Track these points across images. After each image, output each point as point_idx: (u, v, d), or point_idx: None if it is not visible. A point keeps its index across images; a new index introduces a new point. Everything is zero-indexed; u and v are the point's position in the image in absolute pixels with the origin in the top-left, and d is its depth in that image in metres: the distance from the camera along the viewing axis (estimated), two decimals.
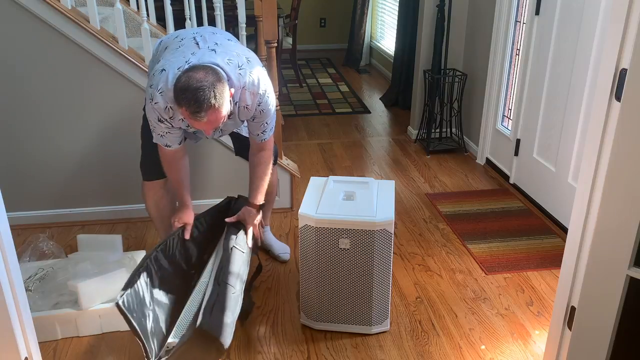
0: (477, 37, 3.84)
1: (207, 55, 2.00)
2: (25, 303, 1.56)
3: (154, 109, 2.02)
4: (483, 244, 2.88)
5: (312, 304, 2.23)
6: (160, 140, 2.13)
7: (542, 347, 2.16)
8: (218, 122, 1.92)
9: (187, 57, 2.00)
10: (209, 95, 1.83)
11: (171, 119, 2.04)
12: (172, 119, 2.04)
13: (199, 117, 1.86)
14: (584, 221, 1.57)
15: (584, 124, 2.77)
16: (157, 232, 2.64)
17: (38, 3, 2.62)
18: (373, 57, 6.69)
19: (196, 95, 1.82)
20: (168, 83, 1.96)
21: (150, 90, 2.02)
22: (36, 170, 2.94)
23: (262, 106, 2.11)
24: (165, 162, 2.23)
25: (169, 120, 2.04)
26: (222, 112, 1.90)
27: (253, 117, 2.16)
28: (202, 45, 2.06)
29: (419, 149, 4.17)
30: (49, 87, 2.80)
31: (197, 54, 2.00)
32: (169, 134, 2.10)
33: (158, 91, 1.98)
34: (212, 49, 2.04)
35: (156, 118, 2.04)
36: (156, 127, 2.08)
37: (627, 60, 1.37)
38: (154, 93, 2.00)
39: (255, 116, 2.15)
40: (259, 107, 2.11)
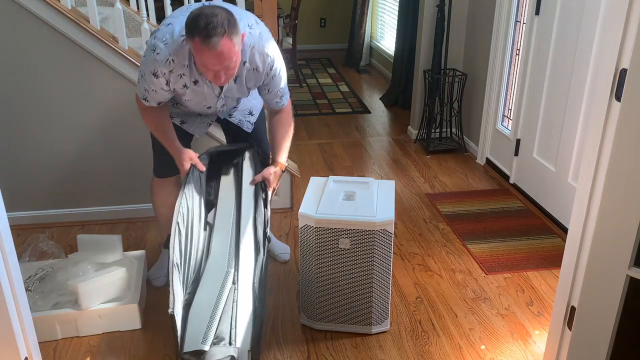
0: (477, 37, 3.84)
1: None
2: (25, 303, 1.56)
3: (153, 60, 1.95)
4: (483, 244, 2.88)
5: (312, 304, 2.23)
6: (142, 92, 2.07)
7: (542, 347, 2.16)
8: (231, 58, 1.84)
9: None
10: (223, 22, 1.78)
11: (170, 72, 1.97)
12: (171, 72, 1.97)
13: (211, 44, 1.77)
14: (584, 221, 1.57)
15: (584, 124, 2.77)
16: (159, 231, 2.63)
17: (38, 3, 2.62)
18: (373, 57, 6.69)
19: (209, 20, 1.77)
20: (174, 35, 1.93)
21: (153, 41, 1.97)
22: (36, 170, 2.94)
23: (273, 71, 2.09)
24: (143, 111, 2.17)
25: (167, 75, 1.97)
26: (235, 47, 1.84)
27: (267, 88, 2.14)
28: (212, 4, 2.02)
29: (419, 149, 4.17)
30: (49, 87, 2.80)
31: None
32: (155, 92, 2.04)
33: (162, 42, 1.94)
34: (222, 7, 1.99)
35: (152, 70, 1.97)
36: (147, 80, 2.01)
37: (627, 60, 1.37)
38: (157, 43, 1.95)
39: (268, 83, 2.13)
40: (270, 71, 2.08)
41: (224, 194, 2.29)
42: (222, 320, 1.98)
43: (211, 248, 2.16)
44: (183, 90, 2.07)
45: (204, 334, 1.92)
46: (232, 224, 2.20)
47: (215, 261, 2.12)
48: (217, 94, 2.13)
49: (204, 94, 2.11)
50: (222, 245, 2.17)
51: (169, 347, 2.18)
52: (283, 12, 5.63)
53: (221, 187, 2.31)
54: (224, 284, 2.05)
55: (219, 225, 2.21)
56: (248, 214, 2.18)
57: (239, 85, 2.11)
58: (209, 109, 2.23)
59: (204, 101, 2.16)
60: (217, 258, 2.14)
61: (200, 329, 1.94)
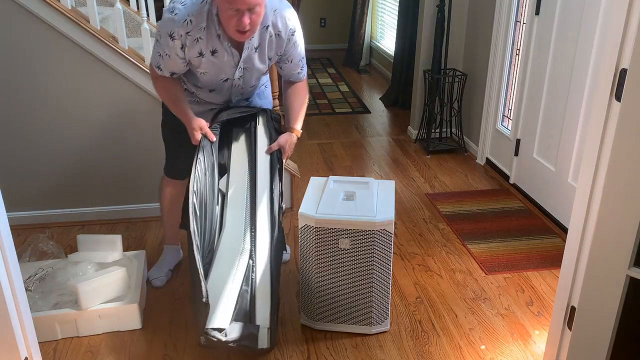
0: (477, 37, 3.84)
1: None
2: (25, 303, 1.56)
3: (171, 20, 1.93)
4: (483, 244, 2.88)
5: (312, 304, 2.23)
6: (156, 58, 2.05)
7: (542, 347, 2.16)
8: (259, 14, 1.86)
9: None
10: None
11: (187, 34, 1.94)
12: (188, 35, 1.94)
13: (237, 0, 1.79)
14: (584, 221, 1.57)
15: (584, 124, 2.77)
16: (163, 229, 2.63)
17: (38, 3, 2.62)
18: (373, 57, 6.69)
19: None
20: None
21: (171, 4, 1.95)
22: (36, 170, 2.94)
23: (295, 38, 2.10)
24: (155, 80, 2.14)
25: (183, 38, 1.94)
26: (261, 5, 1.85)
27: (289, 57, 2.14)
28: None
29: (419, 149, 4.17)
30: (49, 86, 2.80)
31: None
32: (169, 58, 2.01)
33: (181, 3, 1.93)
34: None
35: (168, 31, 1.94)
36: (162, 44, 1.98)
37: (627, 60, 1.37)
38: (175, 5, 1.93)
39: (290, 53, 2.13)
40: (292, 37, 2.09)
41: (236, 161, 2.24)
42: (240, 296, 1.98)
43: (225, 221, 2.13)
44: (198, 61, 2.03)
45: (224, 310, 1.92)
46: (246, 196, 2.16)
47: (229, 236, 2.10)
48: (235, 62, 2.08)
49: (221, 65, 2.07)
50: (236, 219, 2.13)
51: (168, 347, 2.18)
52: None
53: (233, 153, 2.25)
54: (240, 260, 2.04)
55: (232, 196, 2.17)
56: (264, 185, 2.16)
57: (260, 53, 2.09)
58: (226, 82, 2.16)
59: (221, 73, 2.11)
60: (232, 233, 2.11)
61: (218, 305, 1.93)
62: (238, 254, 2.05)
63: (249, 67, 2.13)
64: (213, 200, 2.11)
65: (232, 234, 2.10)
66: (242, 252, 2.06)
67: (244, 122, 2.31)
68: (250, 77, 2.19)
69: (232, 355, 2.13)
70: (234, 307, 1.95)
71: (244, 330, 1.91)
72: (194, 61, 2.05)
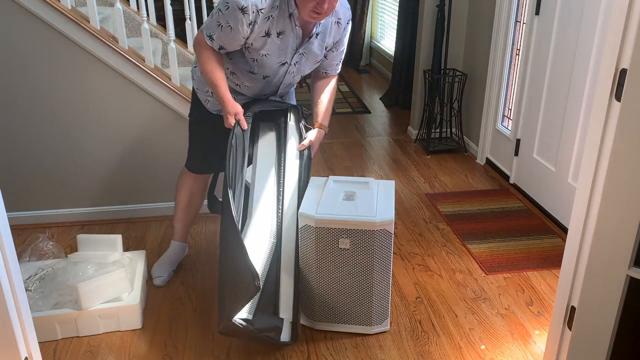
0: (477, 37, 3.84)
1: None
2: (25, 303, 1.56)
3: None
4: (483, 244, 2.88)
5: (312, 304, 2.23)
6: (212, 28, 2.01)
7: (542, 347, 2.16)
8: None
9: None
10: None
11: (260, 11, 1.92)
12: (260, 11, 1.92)
13: None
14: (584, 221, 1.57)
15: (584, 124, 2.77)
16: (174, 224, 2.61)
17: (38, 3, 2.62)
18: (373, 57, 6.69)
19: None
20: None
21: None
22: (36, 170, 2.94)
23: (348, 26, 2.16)
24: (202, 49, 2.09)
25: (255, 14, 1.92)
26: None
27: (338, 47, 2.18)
28: None
29: (419, 149, 4.17)
30: (49, 87, 2.80)
31: None
32: (230, 29, 1.96)
33: None
34: None
35: (241, 5, 1.90)
36: (227, 14, 1.94)
37: (627, 60, 1.37)
38: None
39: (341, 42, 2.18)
40: (347, 25, 2.15)
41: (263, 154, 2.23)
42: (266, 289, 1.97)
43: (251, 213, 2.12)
44: (263, 41, 2.02)
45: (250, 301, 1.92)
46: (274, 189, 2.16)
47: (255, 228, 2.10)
48: (297, 45, 2.09)
49: (283, 47, 2.07)
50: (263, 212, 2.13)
51: (169, 347, 2.18)
52: None
53: (260, 146, 2.25)
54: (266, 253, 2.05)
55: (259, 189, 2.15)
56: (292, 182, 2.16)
57: (320, 40, 2.12)
58: (282, 67, 2.14)
59: (282, 55, 2.09)
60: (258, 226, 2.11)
61: None
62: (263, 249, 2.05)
63: (306, 52, 2.14)
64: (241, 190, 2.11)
65: (258, 227, 2.11)
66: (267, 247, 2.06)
67: (274, 117, 2.31)
68: (305, 64, 2.19)
69: (232, 355, 2.13)
70: (258, 298, 1.94)
71: (270, 322, 1.92)
72: (258, 42, 2.03)
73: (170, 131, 2.93)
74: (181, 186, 2.50)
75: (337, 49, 2.23)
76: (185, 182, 2.49)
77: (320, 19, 1.98)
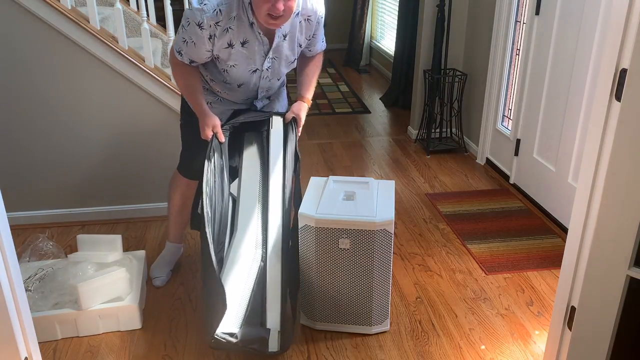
0: (477, 37, 3.84)
1: None
2: (25, 303, 1.56)
3: (200, 10, 1.91)
4: (483, 244, 2.88)
5: (312, 304, 2.23)
6: (180, 44, 2.02)
7: (542, 347, 2.16)
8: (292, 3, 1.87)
9: None
10: None
11: (217, 24, 1.93)
12: (217, 25, 1.93)
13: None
14: (584, 221, 1.57)
15: (584, 124, 2.77)
16: (168, 227, 2.61)
17: (38, 3, 2.62)
18: (373, 57, 6.69)
19: None
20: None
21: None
22: (36, 170, 2.94)
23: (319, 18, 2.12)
24: (175, 66, 2.12)
25: (212, 28, 1.93)
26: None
27: (314, 33, 2.15)
28: None
29: (419, 149, 4.17)
30: (49, 87, 2.80)
31: None
32: (194, 45, 1.99)
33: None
34: None
35: (197, 21, 1.93)
36: (189, 30, 1.96)
37: (627, 60, 1.37)
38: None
39: (316, 31, 2.14)
40: (321, 19, 2.12)
41: (248, 166, 2.23)
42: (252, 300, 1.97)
43: (236, 226, 2.12)
44: (227, 52, 2.02)
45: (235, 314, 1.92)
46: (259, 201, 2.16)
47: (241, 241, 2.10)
48: (265, 52, 2.07)
49: (251, 55, 2.06)
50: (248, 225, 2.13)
51: (168, 347, 2.18)
52: None
53: (245, 157, 2.25)
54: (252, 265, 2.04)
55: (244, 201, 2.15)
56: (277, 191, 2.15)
57: (290, 41, 2.09)
58: (254, 74, 2.14)
59: (251, 64, 2.09)
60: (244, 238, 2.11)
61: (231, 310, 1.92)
62: (250, 260, 2.05)
63: (278, 56, 2.12)
64: (222, 203, 2.10)
65: (244, 239, 2.11)
66: (254, 257, 2.06)
67: (257, 127, 2.31)
68: (278, 67, 2.17)
69: (232, 356, 2.13)
70: (244, 310, 1.95)
71: (254, 333, 1.91)
72: (223, 53, 2.03)
73: (170, 131, 2.93)
74: (174, 190, 2.48)
75: (314, 36, 2.17)
76: (177, 185, 2.46)
77: (279, 25, 1.94)
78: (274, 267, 2.04)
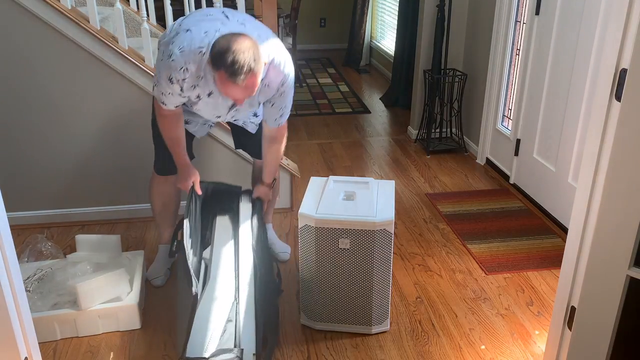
0: (477, 37, 3.84)
1: (237, 28, 1.95)
2: (25, 303, 1.56)
3: (168, 66, 1.95)
4: (483, 244, 2.88)
5: (312, 304, 2.23)
6: (159, 95, 2.06)
7: (542, 347, 2.16)
8: (253, 88, 1.88)
9: (216, 25, 1.95)
10: (250, 58, 1.80)
11: (183, 80, 1.97)
12: (184, 81, 1.97)
13: (237, 81, 1.81)
14: (584, 221, 1.57)
15: (584, 124, 2.77)
16: (157, 228, 2.63)
17: (38, 3, 2.62)
18: (373, 57, 6.69)
19: (237, 57, 1.78)
20: (192, 44, 1.92)
21: (170, 47, 1.96)
22: (36, 170, 2.94)
23: (284, 87, 2.10)
24: (160, 118, 2.17)
25: (181, 82, 1.97)
26: (258, 79, 1.87)
27: (272, 102, 2.15)
28: (231, 19, 2.02)
29: (419, 149, 4.17)
30: (49, 86, 2.80)
31: (227, 25, 1.96)
32: (172, 95, 2.03)
33: (179, 49, 1.93)
34: (241, 22, 2.01)
35: (167, 76, 1.96)
36: (162, 84, 2.01)
37: (627, 60, 1.37)
38: (174, 50, 1.93)
39: (274, 101, 2.14)
40: (281, 87, 2.10)
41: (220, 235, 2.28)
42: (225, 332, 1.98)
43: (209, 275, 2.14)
44: (196, 100, 2.08)
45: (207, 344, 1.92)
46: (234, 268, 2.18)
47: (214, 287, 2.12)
48: (229, 106, 2.14)
49: (216, 105, 2.13)
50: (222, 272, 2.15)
51: (168, 347, 2.18)
52: (283, 12, 5.62)
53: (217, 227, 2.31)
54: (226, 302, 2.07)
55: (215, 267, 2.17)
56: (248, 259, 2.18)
57: (250, 99, 2.10)
58: (219, 118, 2.26)
59: (215, 112, 2.18)
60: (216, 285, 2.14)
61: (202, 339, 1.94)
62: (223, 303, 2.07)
63: (241, 106, 2.17)
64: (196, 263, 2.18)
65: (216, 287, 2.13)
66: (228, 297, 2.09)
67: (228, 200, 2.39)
68: (242, 114, 2.28)
69: None
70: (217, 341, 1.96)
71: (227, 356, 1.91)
72: (193, 99, 2.09)
73: None
74: (152, 191, 2.49)
75: (273, 106, 2.17)
76: (154, 185, 2.47)
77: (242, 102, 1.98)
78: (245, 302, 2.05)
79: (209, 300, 2.02)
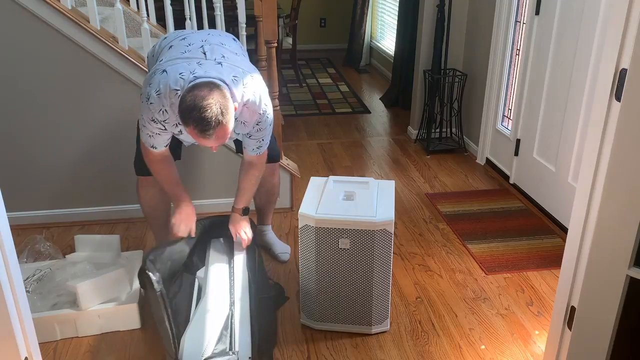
0: (477, 37, 3.83)
1: (213, 68, 1.97)
2: (25, 303, 1.55)
3: (148, 109, 2.00)
4: (483, 244, 2.88)
5: (312, 304, 2.23)
6: (147, 140, 2.11)
7: (542, 347, 2.16)
8: (225, 137, 1.92)
9: (192, 66, 1.97)
10: (217, 113, 1.83)
11: (164, 122, 2.03)
12: (165, 122, 2.03)
13: (207, 135, 1.86)
14: (584, 221, 1.57)
15: (584, 124, 2.77)
16: (150, 229, 2.61)
17: (38, 3, 2.62)
18: (373, 57, 6.69)
19: (204, 114, 1.81)
20: (168, 86, 1.95)
21: (147, 89, 2.01)
22: (36, 170, 2.94)
23: (260, 124, 2.14)
24: (151, 164, 2.21)
25: (163, 123, 2.03)
26: (229, 128, 1.90)
27: (249, 135, 2.18)
28: (209, 56, 2.03)
29: (419, 149, 4.17)
30: (49, 87, 2.80)
31: (204, 66, 1.97)
32: (159, 135, 2.08)
33: (155, 92, 1.97)
34: (218, 61, 2.01)
35: (150, 117, 2.02)
36: (147, 126, 2.06)
37: (627, 60, 1.37)
38: (151, 93, 1.98)
39: (252, 134, 2.17)
40: (257, 125, 2.14)
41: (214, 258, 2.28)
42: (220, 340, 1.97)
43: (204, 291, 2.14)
44: (179, 133, 2.14)
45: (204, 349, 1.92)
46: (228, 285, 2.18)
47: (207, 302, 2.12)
48: None
49: None
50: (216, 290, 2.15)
51: None
52: (283, 12, 5.62)
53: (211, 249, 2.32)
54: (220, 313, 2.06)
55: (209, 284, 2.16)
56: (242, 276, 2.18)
57: None
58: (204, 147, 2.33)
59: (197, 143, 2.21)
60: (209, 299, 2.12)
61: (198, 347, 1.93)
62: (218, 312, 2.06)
63: None
64: None
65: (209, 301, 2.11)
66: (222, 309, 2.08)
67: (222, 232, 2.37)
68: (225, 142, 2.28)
69: None
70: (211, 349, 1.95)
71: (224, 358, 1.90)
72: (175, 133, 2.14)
73: None
74: (139, 194, 2.48)
75: (250, 137, 2.20)
76: (139, 188, 2.46)
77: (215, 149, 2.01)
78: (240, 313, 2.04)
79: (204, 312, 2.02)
